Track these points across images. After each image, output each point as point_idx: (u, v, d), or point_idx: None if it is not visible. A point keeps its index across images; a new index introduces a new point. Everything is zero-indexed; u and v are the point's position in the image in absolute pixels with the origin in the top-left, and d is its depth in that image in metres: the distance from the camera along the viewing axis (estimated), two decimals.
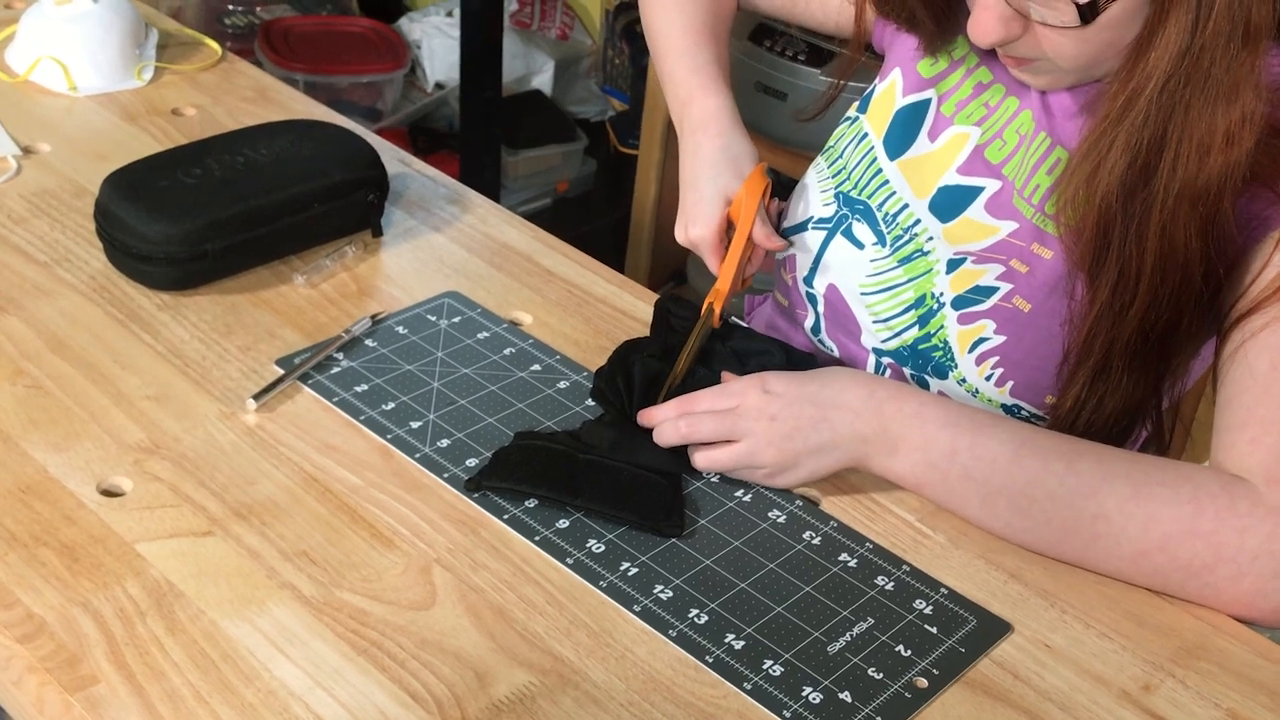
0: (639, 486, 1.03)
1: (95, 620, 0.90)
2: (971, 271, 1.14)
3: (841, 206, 1.22)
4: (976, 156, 1.16)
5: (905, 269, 1.17)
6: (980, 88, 1.18)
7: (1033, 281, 1.12)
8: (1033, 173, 1.13)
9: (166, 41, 1.64)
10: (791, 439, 1.03)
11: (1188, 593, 0.99)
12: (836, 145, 1.26)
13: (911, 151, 1.20)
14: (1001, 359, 1.13)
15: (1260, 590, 0.96)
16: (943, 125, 1.19)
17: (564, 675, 0.90)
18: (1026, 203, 1.13)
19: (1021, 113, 1.15)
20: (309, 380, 1.13)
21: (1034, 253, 1.12)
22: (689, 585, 0.97)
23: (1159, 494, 0.97)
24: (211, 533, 0.98)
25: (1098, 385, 1.07)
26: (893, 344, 1.19)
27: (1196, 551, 0.97)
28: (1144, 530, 0.97)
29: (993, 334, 1.13)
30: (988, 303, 1.13)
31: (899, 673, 0.92)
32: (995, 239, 1.14)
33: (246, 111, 1.52)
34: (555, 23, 3.05)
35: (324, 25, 3.00)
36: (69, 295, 1.20)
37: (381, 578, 0.95)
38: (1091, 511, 0.98)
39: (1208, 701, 0.93)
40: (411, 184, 1.42)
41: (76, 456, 1.03)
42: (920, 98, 1.21)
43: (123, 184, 1.23)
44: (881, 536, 1.04)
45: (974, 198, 1.15)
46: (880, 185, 1.20)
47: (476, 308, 1.24)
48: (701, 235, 1.19)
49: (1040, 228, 1.12)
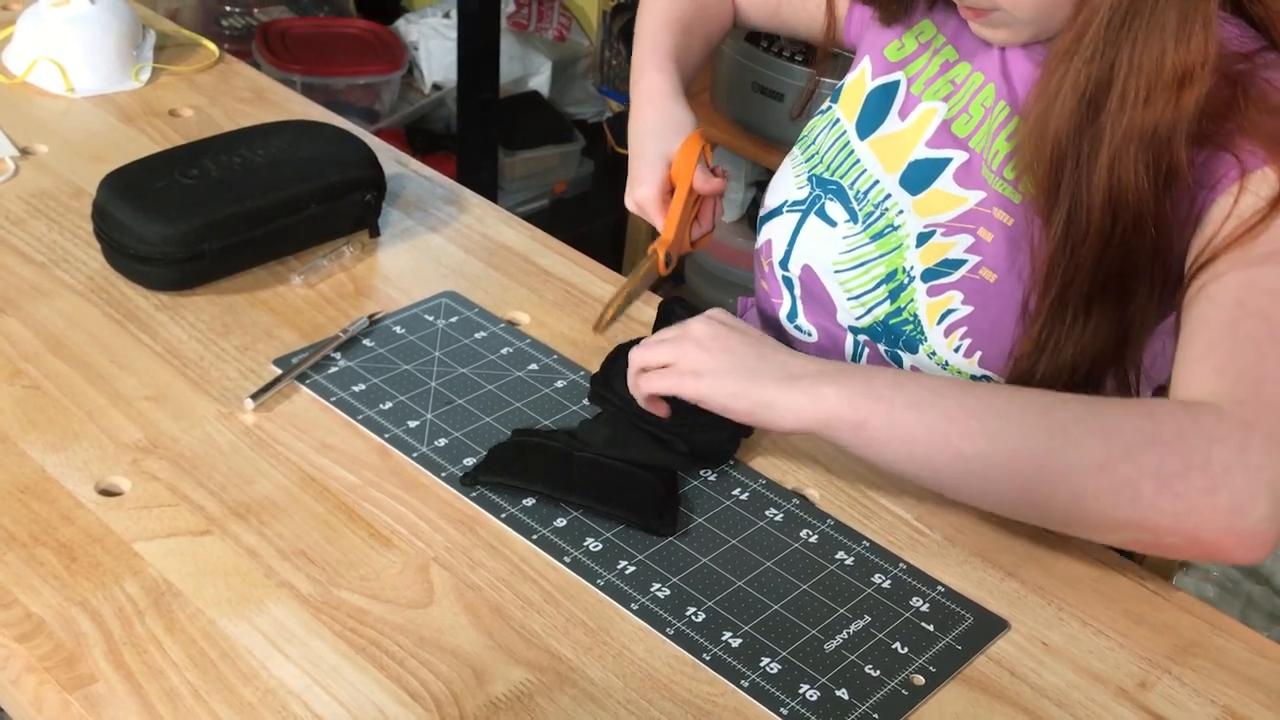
0: (633, 485, 1.03)
1: (93, 619, 0.90)
2: (941, 244, 1.16)
3: (815, 188, 1.25)
4: (944, 130, 1.19)
5: (877, 244, 1.19)
6: (946, 65, 1.21)
7: (998, 250, 1.13)
8: (993, 139, 1.15)
9: (164, 43, 1.64)
10: (721, 346, 1.02)
11: (1160, 509, 0.90)
12: (810, 134, 1.30)
13: (882, 130, 1.23)
14: (969, 329, 1.14)
15: (1236, 505, 0.89)
16: (912, 104, 1.22)
17: (562, 673, 0.90)
18: (993, 172, 1.15)
19: (985, 86, 1.17)
20: (307, 380, 1.13)
21: (998, 219, 1.14)
22: (686, 583, 0.97)
23: (1112, 409, 0.94)
24: (209, 532, 0.98)
25: (1055, 328, 1.07)
26: (866, 320, 1.20)
27: (1163, 458, 0.90)
28: (1103, 440, 0.91)
29: (960, 305, 1.14)
30: (955, 274, 1.15)
31: (896, 670, 0.92)
32: (963, 209, 1.16)
33: (244, 112, 1.52)
34: (552, 24, 3.06)
35: (321, 27, 3.01)
36: (67, 296, 1.20)
37: (379, 576, 0.96)
38: (1046, 425, 0.93)
39: (1204, 698, 0.93)
40: (409, 184, 1.43)
41: (74, 456, 1.03)
42: (889, 79, 1.24)
43: (120, 185, 1.23)
44: (878, 534, 1.04)
45: (942, 169, 1.18)
46: (852, 165, 1.23)
47: (474, 307, 1.25)
48: (645, 195, 1.22)
49: (1003, 194, 1.14)
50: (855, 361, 1.23)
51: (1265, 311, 0.96)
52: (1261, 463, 0.89)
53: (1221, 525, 0.89)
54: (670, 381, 1.03)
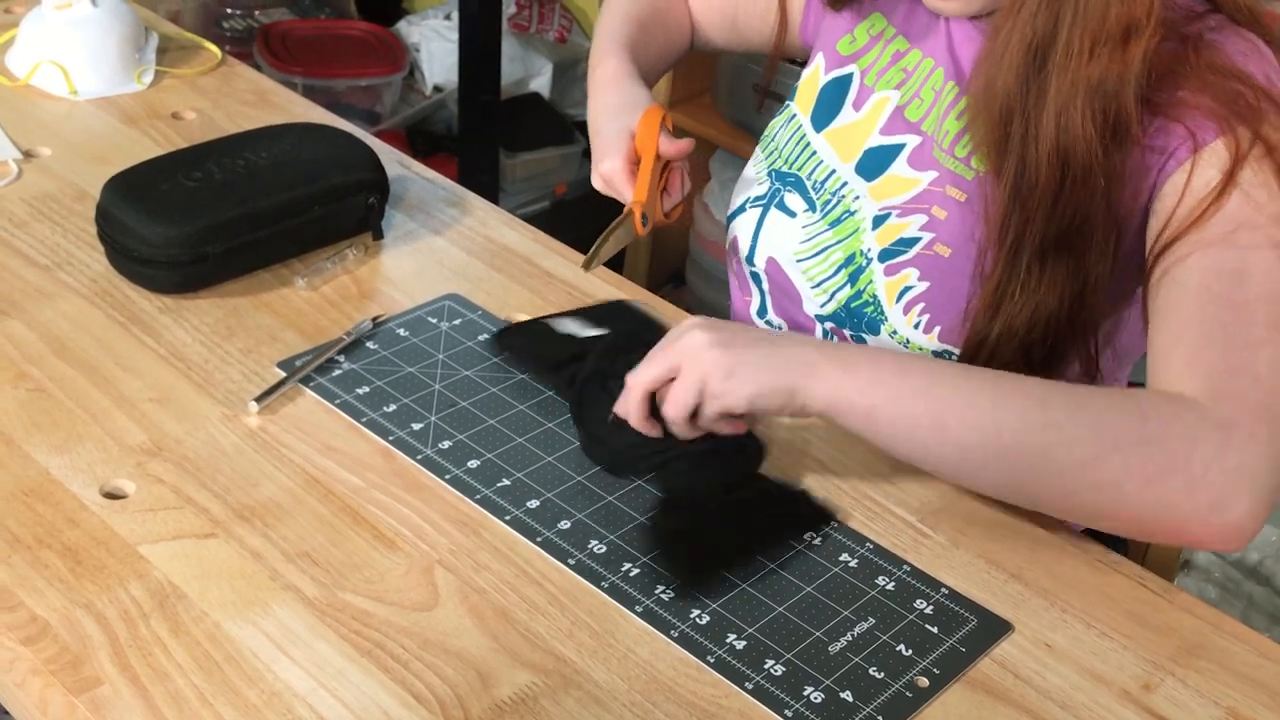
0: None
1: (99, 622, 0.90)
2: (896, 225, 1.18)
3: (774, 182, 1.27)
4: (897, 116, 1.21)
5: (835, 231, 1.21)
6: (898, 55, 1.23)
7: (951, 226, 1.15)
8: (943, 120, 1.17)
9: (166, 45, 1.64)
10: (731, 345, 1.00)
11: (1144, 507, 0.95)
12: (769, 133, 1.31)
13: (837, 122, 1.25)
14: (927, 304, 1.15)
15: (1214, 503, 0.93)
16: (865, 95, 1.24)
17: (566, 676, 0.90)
18: (944, 152, 1.16)
19: (935, 70, 1.19)
20: (310, 383, 1.13)
21: (950, 196, 1.15)
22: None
23: (1104, 403, 0.97)
24: (214, 534, 0.98)
25: (1010, 284, 1.07)
26: (830, 307, 1.21)
27: (1148, 457, 0.94)
28: (1094, 436, 0.95)
29: (916, 281, 1.16)
30: (910, 252, 1.16)
31: (900, 672, 0.93)
32: (917, 190, 1.17)
33: (246, 115, 1.52)
34: (553, 25, 3.06)
35: (322, 29, 3.00)
36: (70, 298, 1.20)
37: (384, 579, 0.96)
38: (1041, 420, 0.96)
39: (1208, 700, 0.93)
40: (411, 187, 1.43)
41: (79, 459, 1.03)
42: (843, 72, 1.26)
43: (124, 187, 1.24)
44: (882, 536, 1.04)
45: (896, 154, 1.20)
46: (809, 156, 1.25)
47: (477, 310, 1.25)
48: (611, 167, 1.21)
49: (955, 172, 1.15)
50: None
51: (1228, 297, 0.98)
52: (1239, 461, 0.93)
53: (1201, 521, 0.94)
54: (714, 404, 1.00)
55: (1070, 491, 0.97)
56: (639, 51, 1.34)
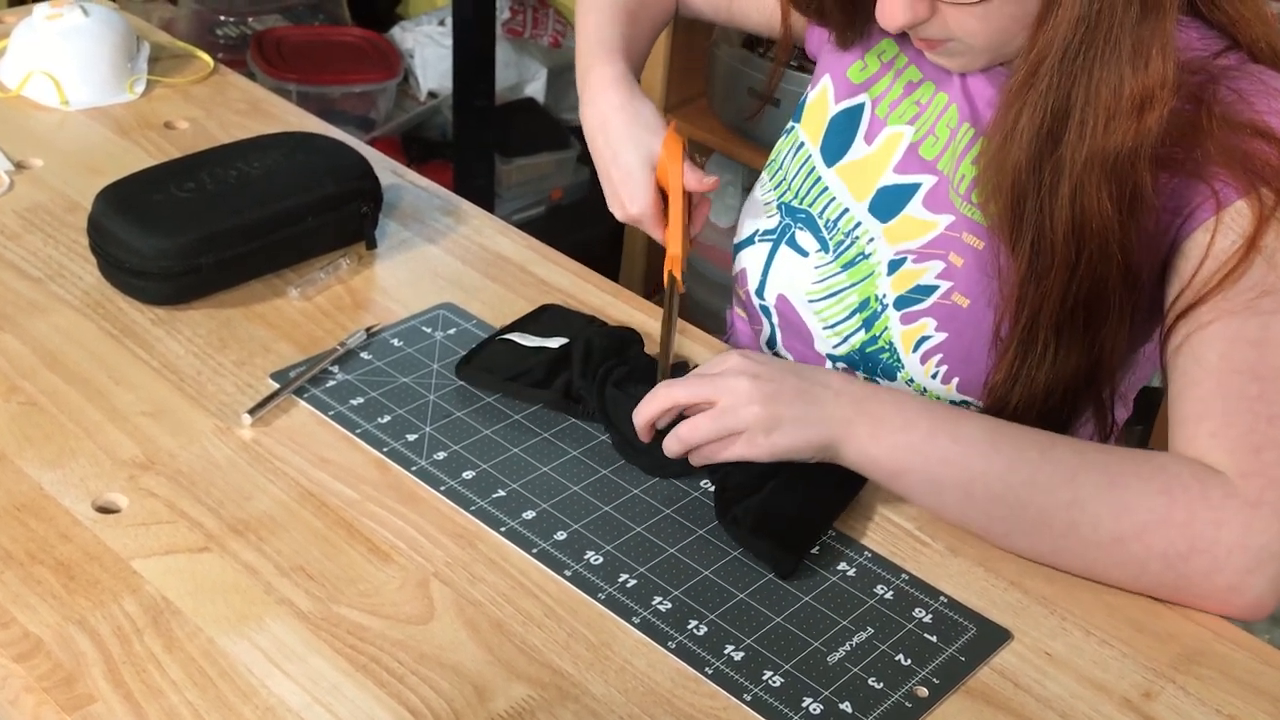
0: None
1: (92, 638, 0.89)
2: (912, 271, 1.15)
3: (784, 217, 1.24)
4: (911, 154, 1.18)
5: (849, 273, 1.19)
6: (910, 87, 1.19)
7: (969, 275, 1.13)
8: (959, 163, 1.15)
9: (158, 54, 1.63)
10: (775, 399, 1.01)
11: (1164, 584, 0.98)
12: (777, 158, 1.29)
13: (849, 156, 1.22)
14: (945, 356, 1.14)
15: (1235, 585, 0.96)
16: (877, 128, 1.20)
17: (563, 689, 0.89)
18: (960, 196, 1.14)
19: (950, 107, 1.16)
20: (304, 394, 1.13)
21: (967, 243, 1.13)
22: (688, 596, 0.97)
23: (1133, 483, 0.97)
24: (208, 549, 0.97)
25: (1027, 356, 1.07)
26: (843, 349, 1.20)
27: (1171, 540, 0.96)
28: (1118, 518, 0.97)
29: (934, 331, 1.14)
30: (928, 301, 1.14)
31: (899, 682, 0.92)
32: (933, 234, 1.15)
33: (239, 124, 1.52)
34: (547, 30, 3.05)
35: (316, 35, 3.00)
36: (63, 311, 1.20)
37: (379, 592, 0.95)
38: (1067, 498, 0.98)
39: (1209, 708, 0.93)
40: (405, 195, 1.42)
41: (71, 473, 1.02)
42: (853, 103, 1.23)
43: (115, 198, 1.23)
44: (880, 545, 1.03)
45: (911, 195, 1.17)
46: (820, 193, 1.22)
47: (472, 319, 1.24)
48: (641, 209, 1.19)
49: (971, 218, 1.13)
50: None
51: (1253, 368, 0.98)
52: (1264, 541, 0.95)
53: (1220, 600, 0.98)
54: (744, 450, 1.01)
55: (1092, 564, 0.99)
56: (629, 47, 1.31)
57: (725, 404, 1.01)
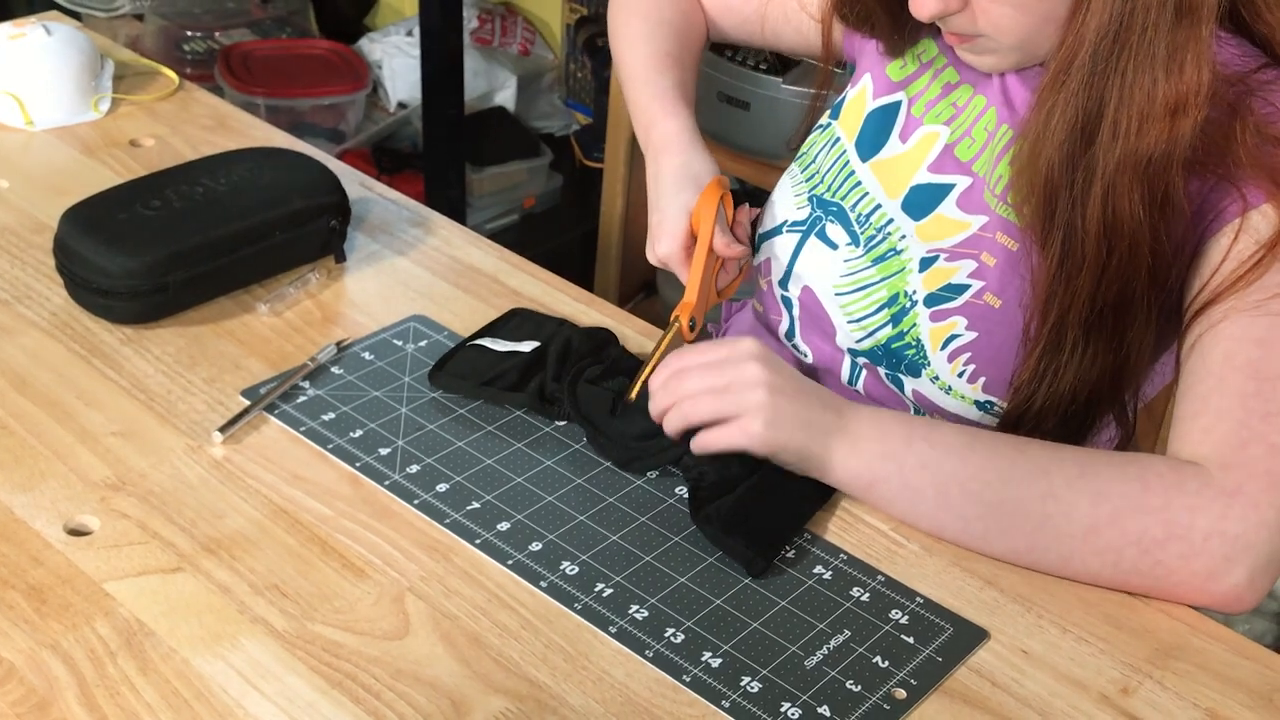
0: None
1: (65, 662, 0.89)
2: (944, 269, 1.15)
3: (815, 209, 1.24)
4: (947, 154, 1.17)
5: (879, 268, 1.18)
6: (948, 88, 1.19)
7: (1002, 275, 1.13)
8: (995, 164, 1.14)
9: (123, 72, 1.63)
10: (782, 392, 1.03)
11: (1140, 572, 0.98)
12: (809, 151, 1.28)
13: (884, 153, 1.21)
14: (973, 355, 1.14)
15: (1212, 571, 0.96)
16: (913, 126, 1.20)
17: (541, 701, 0.89)
18: (995, 197, 1.14)
19: (988, 110, 1.16)
20: (275, 410, 1.12)
21: (1001, 244, 1.13)
22: (664, 604, 0.97)
23: (1106, 471, 0.98)
24: (181, 569, 0.97)
25: (1054, 356, 1.07)
26: (866, 344, 1.19)
27: (1146, 527, 0.96)
28: (1093, 506, 0.97)
29: (964, 330, 1.14)
30: (959, 300, 1.14)
31: (877, 684, 0.92)
32: (966, 234, 1.15)
33: (205, 140, 1.51)
34: (516, 39, 3.05)
35: (284, 49, 2.99)
36: (30, 333, 1.19)
37: (354, 609, 0.95)
38: (1041, 490, 0.99)
39: (1187, 702, 0.93)
40: (374, 208, 1.42)
41: (42, 496, 1.02)
42: (890, 100, 1.22)
43: (81, 218, 1.22)
44: (855, 547, 1.03)
45: (945, 195, 1.17)
46: (853, 187, 1.21)
47: (443, 330, 1.24)
48: (668, 250, 1.19)
49: (1006, 219, 1.13)
50: (852, 385, 1.22)
51: (1254, 366, 0.99)
52: (1240, 530, 0.96)
53: (1198, 588, 0.98)
54: (737, 438, 1.03)
55: (1069, 558, 1.00)
56: (685, 91, 1.31)
57: (731, 386, 1.03)
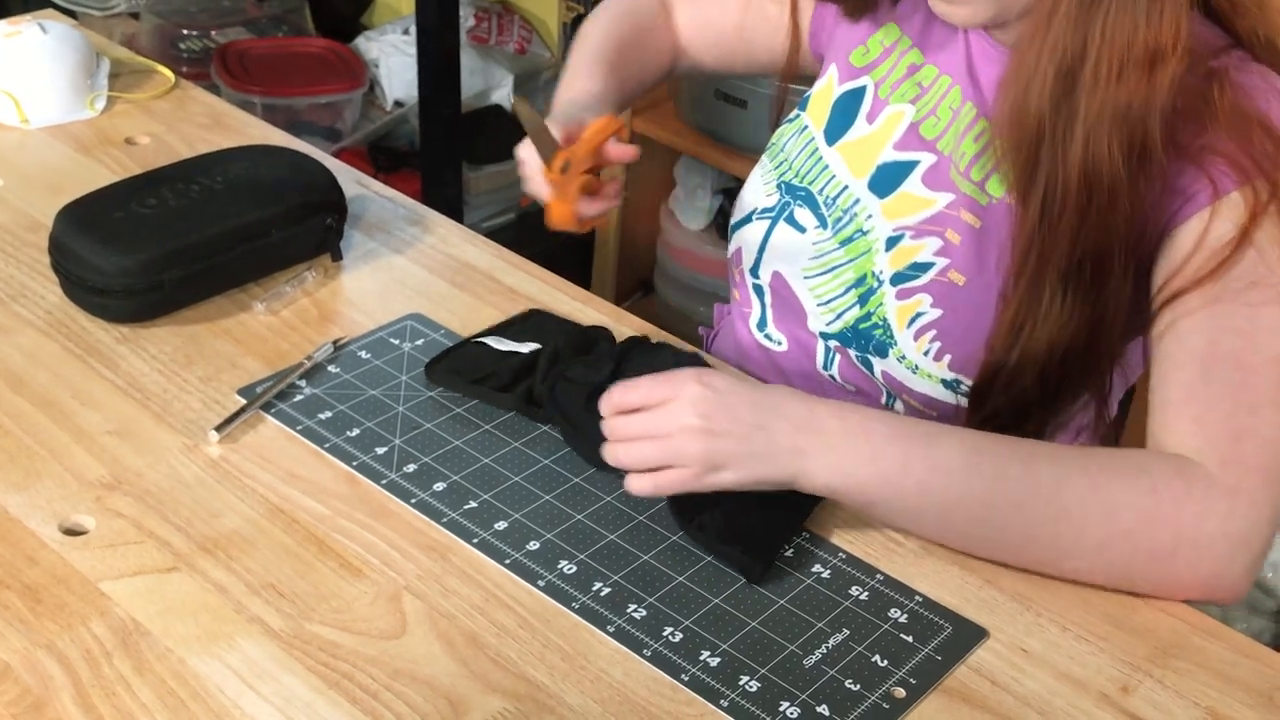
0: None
1: (61, 662, 0.88)
2: (909, 248, 1.16)
3: (784, 195, 1.25)
4: (912, 132, 1.19)
5: (846, 249, 1.19)
6: (913, 68, 1.20)
7: (966, 253, 1.13)
8: (960, 141, 1.15)
9: (118, 70, 1.62)
10: (723, 436, 0.98)
11: (1150, 580, 0.99)
12: (778, 142, 1.29)
13: (850, 135, 1.22)
14: (939, 333, 1.14)
15: (1217, 571, 0.97)
16: (879, 107, 1.22)
17: (539, 700, 0.89)
18: (960, 174, 1.15)
19: (953, 89, 1.17)
20: (272, 409, 1.12)
21: (965, 221, 1.14)
22: (662, 603, 0.96)
23: (1116, 485, 0.98)
24: (177, 568, 0.96)
25: (1032, 308, 1.07)
26: (836, 326, 1.20)
27: (1157, 538, 0.97)
28: (1105, 521, 0.97)
29: (929, 308, 1.14)
30: (924, 278, 1.15)
31: (876, 683, 0.92)
32: (932, 211, 1.16)
33: (201, 138, 1.51)
34: (513, 37, 3.04)
35: (280, 47, 2.98)
36: (26, 331, 1.18)
37: (351, 608, 0.94)
38: (1053, 511, 0.98)
39: (1187, 701, 0.93)
40: (370, 206, 1.41)
41: (37, 496, 1.01)
42: (856, 85, 1.24)
43: (76, 217, 1.22)
44: (854, 545, 1.03)
45: (910, 171, 1.18)
46: (821, 171, 1.23)
47: (440, 329, 1.23)
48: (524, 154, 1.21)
49: (971, 196, 1.14)
50: (827, 369, 1.22)
51: (1237, 356, 0.99)
52: (1242, 528, 0.97)
53: (1201, 587, 0.99)
54: (689, 483, 0.99)
55: (1076, 570, 1.00)
56: (614, 73, 1.31)
57: (671, 437, 0.99)
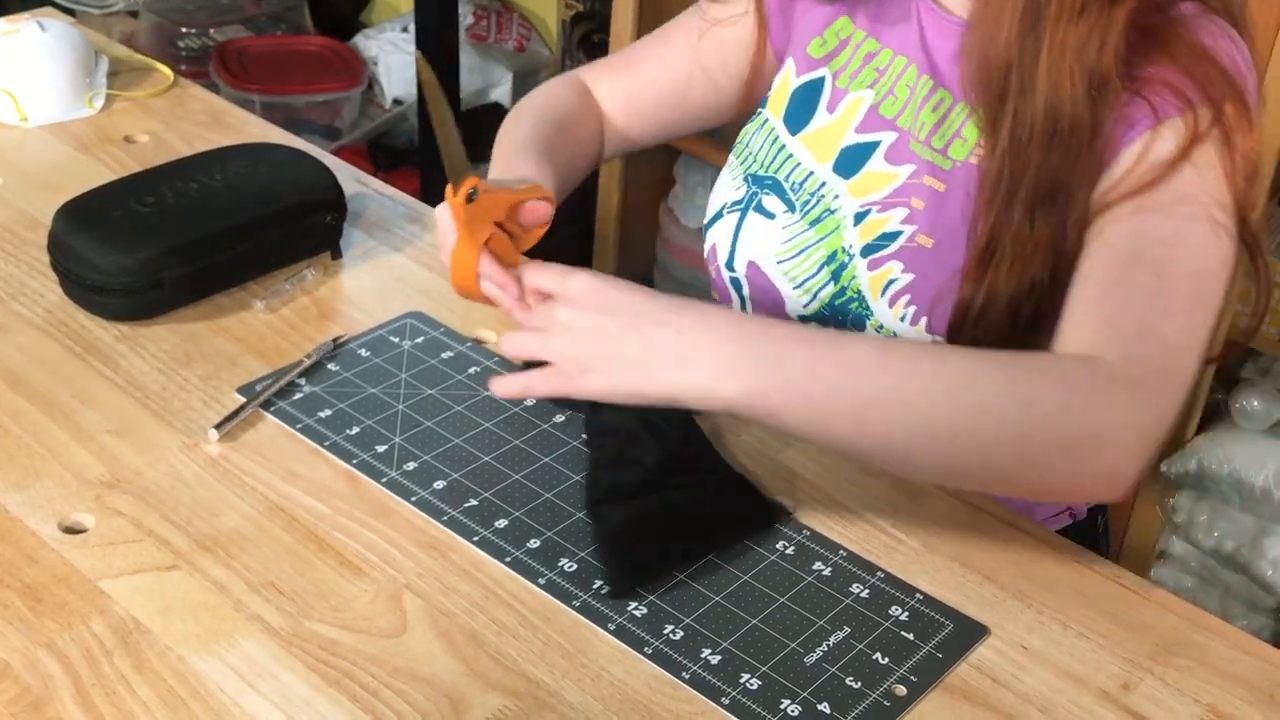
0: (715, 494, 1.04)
1: (60, 661, 0.88)
2: (877, 220, 1.17)
3: (751, 186, 1.26)
4: (872, 115, 1.20)
5: (816, 229, 1.21)
6: (869, 56, 1.22)
7: (932, 216, 1.15)
8: (919, 114, 1.17)
9: (117, 68, 1.62)
10: (594, 336, 0.94)
11: (1057, 472, 0.95)
12: (743, 139, 1.30)
13: (812, 125, 1.24)
14: (913, 297, 1.15)
15: (1118, 464, 0.94)
16: (839, 97, 1.23)
17: (539, 698, 0.89)
18: (921, 144, 1.17)
19: (909, 68, 1.19)
20: (271, 407, 1.11)
21: (928, 186, 1.15)
22: (663, 601, 0.96)
23: (1031, 379, 0.94)
24: (176, 567, 0.96)
25: (1000, 242, 1.08)
26: (813, 306, 1.21)
27: (1069, 428, 0.93)
28: (1023, 413, 0.93)
29: (900, 274, 1.16)
30: (893, 246, 1.16)
31: (877, 681, 0.92)
32: (896, 185, 1.17)
33: (200, 136, 1.51)
34: (512, 35, 3.04)
35: (279, 45, 2.98)
36: (25, 330, 1.18)
37: (351, 606, 0.94)
38: (972, 403, 0.93)
39: (1187, 698, 0.93)
40: (370, 204, 1.41)
41: (37, 494, 1.01)
42: (814, 76, 1.25)
43: (76, 215, 1.22)
44: (854, 543, 1.03)
45: (872, 151, 1.19)
46: (785, 159, 1.24)
47: (440, 327, 1.23)
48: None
49: (932, 162, 1.16)
50: None
51: (1158, 264, 1.01)
52: (1141, 421, 0.95)
53: (1101, 480, 0.95)
54: (557, 384, 0.95)
55: (995, 465, 0.94)
56: (547, 160, 1.26)
57: (545, 330, 0.96)
